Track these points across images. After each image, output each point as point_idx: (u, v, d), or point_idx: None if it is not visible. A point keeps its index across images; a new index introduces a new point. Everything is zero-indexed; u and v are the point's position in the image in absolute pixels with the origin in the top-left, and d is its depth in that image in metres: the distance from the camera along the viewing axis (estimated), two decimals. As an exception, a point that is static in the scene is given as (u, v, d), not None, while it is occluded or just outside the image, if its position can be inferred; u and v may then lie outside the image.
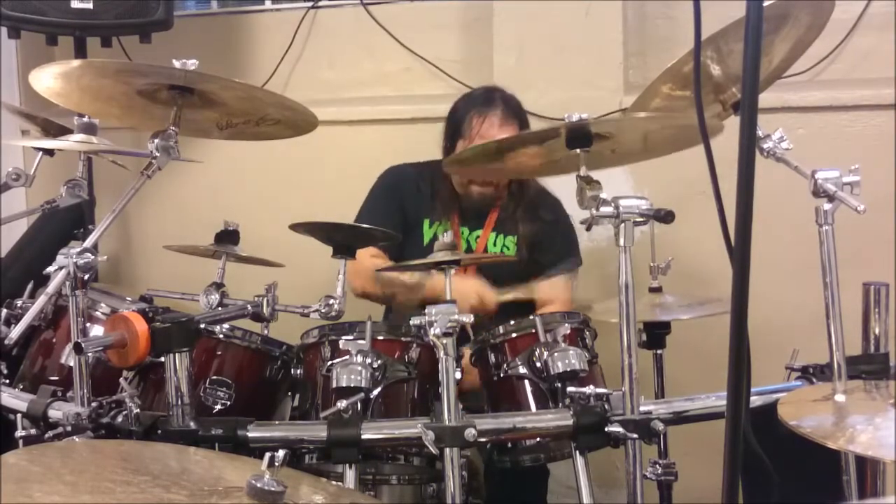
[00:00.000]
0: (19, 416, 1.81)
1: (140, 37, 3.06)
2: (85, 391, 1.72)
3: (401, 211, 2.64)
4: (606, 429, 1.68)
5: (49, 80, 1.84)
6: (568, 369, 1.80)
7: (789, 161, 1.90)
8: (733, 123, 1.39)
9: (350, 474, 1.70)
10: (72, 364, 1.75)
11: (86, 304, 1.74)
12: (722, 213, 1.10)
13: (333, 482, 1.60)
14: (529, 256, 2.58)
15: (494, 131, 2.49)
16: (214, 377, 1.92)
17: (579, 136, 1.73)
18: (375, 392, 1.82)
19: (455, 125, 2.58)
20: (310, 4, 3.39)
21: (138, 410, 1.70)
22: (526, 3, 2.95)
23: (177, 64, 1.74)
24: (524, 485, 2.38)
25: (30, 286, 2.15)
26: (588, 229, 1.69)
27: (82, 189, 2.11)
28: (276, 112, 1.96)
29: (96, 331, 1.86)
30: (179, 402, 1.68)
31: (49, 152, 2.16)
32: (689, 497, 2.22)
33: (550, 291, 2.57)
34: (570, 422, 1.71)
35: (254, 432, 1.72)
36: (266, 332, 2.06)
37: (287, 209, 2.82)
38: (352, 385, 1.76)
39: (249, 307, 1.97)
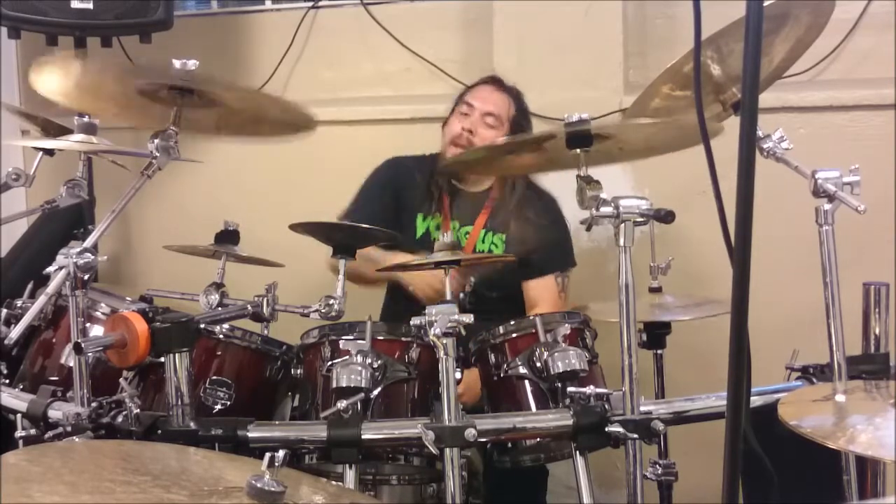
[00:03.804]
0: (19, 416, 1.81)
1: (140, 37, 3.06)
2: (85, 391, 1.72)
3: (395, 202, 2.65)
4: (606, 429, 1.68)
5: (49, 78, 1.83)
6: (568, 369, 1.80)
7: (789, 161, 1.90)
8: (733, 123, 1.39)
9: (350, 474, 1.70)
10: (72, 364, 1.75)
11: (86, 304, 1.74)
12: (722, 213, 1.10)
13: (333, 482, 1.60)
14: (520, 255, 2.59)
15: (486, 95, 2.62)
16: (214, 377, 1.92)
17: (579, 136, 1.73)
18: (375, 392, 1.82)
19: (454, 103, 2.69)
20: (310, 4, 3.39)
21: (138, 410, 1.70)
22: (526, 3, 2.95)
23: (177, 64, 1.74)
24: (524, 485, 2.38)
25: (30, 286, 2.15)
26: (588, 229, 1.69)
27: (82, 189, 2.11)
28: (275, 113, 1.96)
29: (96, 331, 1.86)
30: (179, 402, 1.68)
31: (49, 152, 2.15)
32: (689, 497, 2.22)
33: (538, 292, 2.57)
34: (570, 422, 1.71)
35: (254, 432, 1.72)
36: (266, 332, 2.06)
37: (287, 209, 2.81)
38: (352, 385, 1.76)
39: (249, 307, 1.97)
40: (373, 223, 2.54)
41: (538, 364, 1.85)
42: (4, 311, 2.08)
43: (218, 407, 1.90)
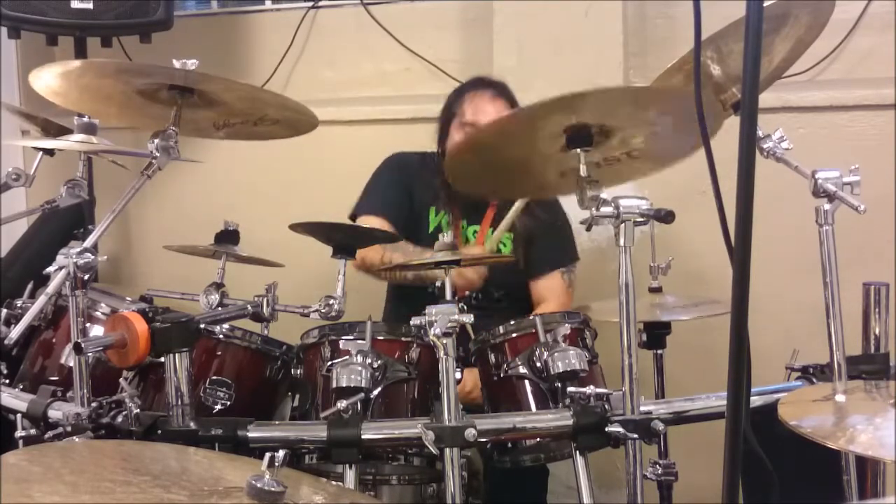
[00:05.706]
0: (19, 416, 1.81)
1: (140, 37, 3.07)
2: (85, 391, 1.72)
3: (408, 194, 2.65)
4: (606, 429, 1.68)
5: (49, 79, 1.84)
6: (568, 369, 1.80)
7: (789, 161, 1.90)
8: (733, 123, 1.39)
9: (350, 474, 1.70)
10: (72, 364, 1.75)
11: (86, 304, 1.74)
12: (722, 213, 1.10)
13: (333, 482, 1.60)
14: (525, 252, 2.59)
15: (486, 107, 2.56)
16: (214, 377, 1.92)
17: (579, 135, 1.73)
18: (375, 392, 1.82)
19: (447, 108, 2.65)
20: (310, 4, 3.39)
21: (138, 410, 1.70)
22: (526, 3, 2.95)
23: (177, 64, 1.74)
24: (524, 485, 2.38)
25: (30, 286, 2.15)
26: (588, 229, 1.69)
27: (82, 189, 2.11)
28: (276, 112, 1.96)
29: (96, 331, 1.86)
30: (179, 402, 1.68)
31: (49, 152, 2.15)
32: (689, 497, 2.22)
33: (546, 289, 2.58)
34: (570, 422, 1.71)
35: (254, 432, 1.72)
36: (266, 332, 2.06)
37: (287, 209, 2.82)
38: (352, 385, 1.75)
39: (249, 307, 1.96)
40: (390, 210, 2.56)
41: (538, 364, 1.85)
42: (4, 311, 2.08)
43: (218, 407, 1.90)
